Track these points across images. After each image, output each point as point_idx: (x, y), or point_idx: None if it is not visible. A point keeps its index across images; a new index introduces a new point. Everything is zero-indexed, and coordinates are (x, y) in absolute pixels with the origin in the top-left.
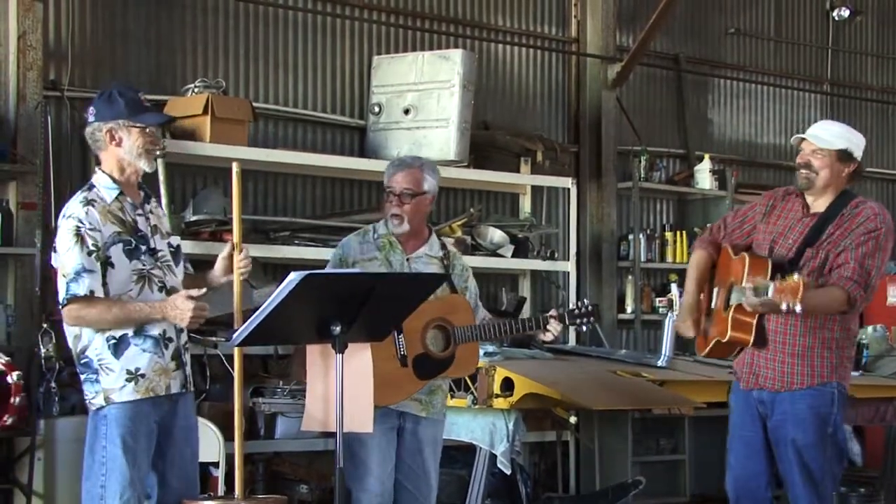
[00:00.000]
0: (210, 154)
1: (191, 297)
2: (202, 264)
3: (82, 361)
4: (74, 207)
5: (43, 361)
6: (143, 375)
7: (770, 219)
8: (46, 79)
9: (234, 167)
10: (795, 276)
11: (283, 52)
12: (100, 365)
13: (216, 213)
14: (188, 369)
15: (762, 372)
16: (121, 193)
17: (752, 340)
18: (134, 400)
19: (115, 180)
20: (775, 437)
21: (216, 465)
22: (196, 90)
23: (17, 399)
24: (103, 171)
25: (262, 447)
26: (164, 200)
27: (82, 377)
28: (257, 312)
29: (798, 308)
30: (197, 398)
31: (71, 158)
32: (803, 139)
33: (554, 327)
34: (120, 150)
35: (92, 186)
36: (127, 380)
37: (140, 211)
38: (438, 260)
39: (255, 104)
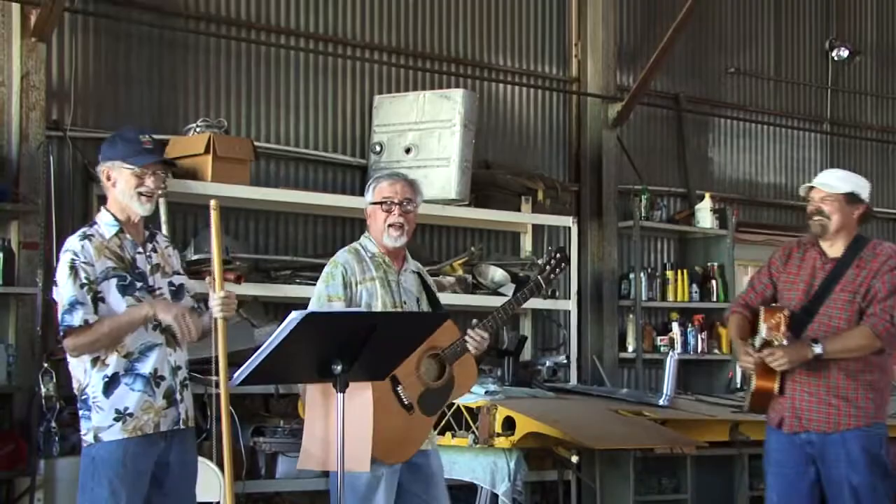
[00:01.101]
0: (212, 193)
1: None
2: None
3: (82, 398)
4: (72, 242)
5: (43, 401)
6: (130, 415)
7: (789, 268)
8: (49, 119)
9: (212, 203)
10: (786, 311)
11: (285, 92)
12: (93, 402)
13: None
14: (182, 406)
15: (806, 415)
16: (120, 231)
17: (776, 388)
18: (121, 439)
19: (116, 218)
20: (830, 478)
21: None
22: (198, 129)
23: None
24: (107, 210)
25: (263, 487)
26: None
27: (80, 413)
28: (258, 352)
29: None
30: (198, 437)
31: (73, 198)
32: (812, 188)
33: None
34: (115, 190)
35: (94, 223)
36: (115, 419)
37: (140, 249)
38: (417, 275)
39: (256, 143)
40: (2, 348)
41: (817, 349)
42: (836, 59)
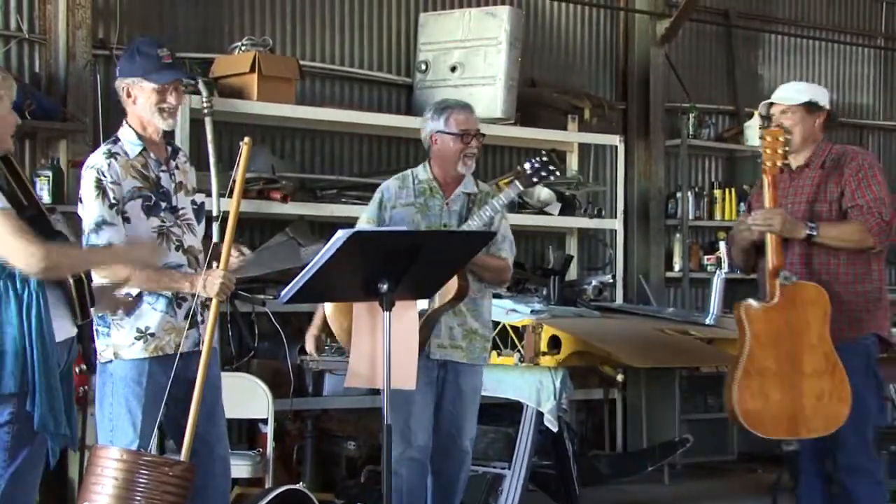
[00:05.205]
0: (257, 112)
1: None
2: (249, 222)
3: (99, 314)
4: (97, 159)
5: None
6: (152, 334)
7: (761, 198)
8: (95, 37)
9: (245, 140)
10: None
11: (330, 10)
12: (112, 319)
13: (264, 171)
14: (203, 328)
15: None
16: (144, 149)
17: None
18: (140, 358)
19: (139, 135)
20: None
21: (265, 421)
22: (243, 48)
23: None
24: (129, 126)
25: (310, 404)
26: (211, 159)
27: (96, 330)
28: (305, 270)
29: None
30: (245, 356)
31: (120, 117)
32: (771, 104)
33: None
34: (136, 107)
35: (117, 140)
36: (136, 338)
37: (164, 167)
38: (467, 196)
39: (301, 62)
40: None
41: (810, 230)
42: None
